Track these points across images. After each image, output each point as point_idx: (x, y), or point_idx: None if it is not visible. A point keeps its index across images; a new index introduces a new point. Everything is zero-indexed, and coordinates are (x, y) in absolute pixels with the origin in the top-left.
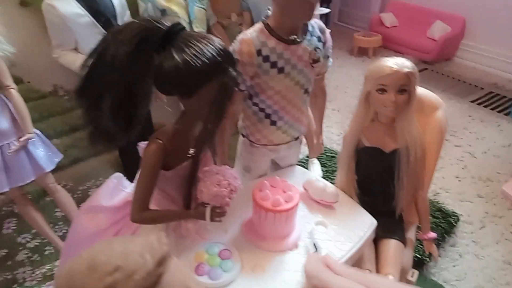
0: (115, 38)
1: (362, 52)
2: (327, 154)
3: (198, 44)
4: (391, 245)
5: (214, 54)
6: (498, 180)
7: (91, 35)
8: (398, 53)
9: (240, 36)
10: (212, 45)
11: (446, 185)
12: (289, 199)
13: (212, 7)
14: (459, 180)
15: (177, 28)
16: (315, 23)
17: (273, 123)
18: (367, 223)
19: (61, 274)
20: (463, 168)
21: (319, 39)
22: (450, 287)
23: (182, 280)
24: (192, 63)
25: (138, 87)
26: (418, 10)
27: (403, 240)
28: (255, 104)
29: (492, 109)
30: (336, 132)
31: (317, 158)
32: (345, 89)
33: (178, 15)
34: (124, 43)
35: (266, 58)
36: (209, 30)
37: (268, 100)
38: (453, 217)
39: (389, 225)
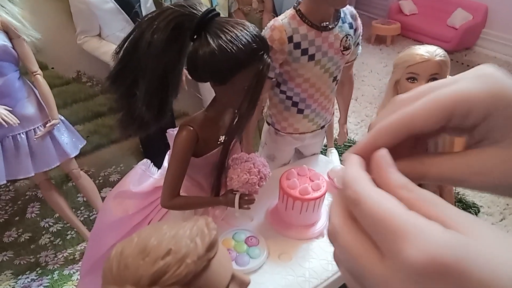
0: (151, 24)
1: (380, 40)
2: (344, 143)
3: (234, 30)
4: None
5: (250, 40)
6: None
7: (115, 21)
8: (417, 41)
9: (271, 23)
10: (247, 31)
11: None
12: (316, 188)
13: None
14: None
15: (212, 14)
16: (347, 9)
17: (300, 111)
18: None
19: (111, 257)
20: None
21: (351, 26)
22: None
23: (228, 266)
24: (228, 50)
25: (170, 74)
26: None
27: None
28: (283, 92)
29: None
30: (353, 121)
31: (334, 147)
32: (362, 78)
33: (201, 1)
34: (159, 30)
35: (297, 45)
36: (230, 17)
37: (297, 88)
38: (473, 208)
39: None
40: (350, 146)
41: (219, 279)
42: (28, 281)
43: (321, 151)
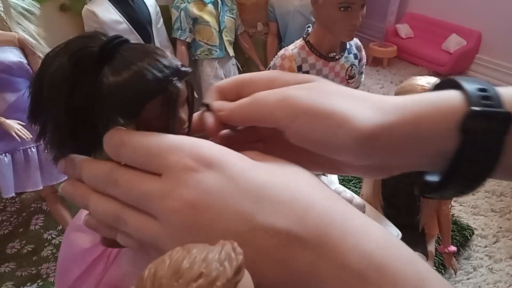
0: (53, 61)
1: (376, 62)
2: None
3: (138, 62)
4: None
5: (155, 71)
6: (511, 196)
7: None
8: (413, 64)
9: (282, 52)
10: (155, 60)
11: (460, 198)
12: None
13: (240, 16)
14: (473, 194)
15: (112, 44)
16: (353, 41)
17: None
18: (393, 234)
19: (144, 278)
20: None
21: (356, 57)
22: None
23: None
24: (129, 85)
25: (90, 107)
26: (434, 23)
27: (425, 253)
28: None
29: None
30: None
31: None
32: None
33: (210, 24)
34: (61, 65)
35: (305, 74)
36: (236, 39)
37: None
38: (467, 230)
39: (412, 238)
40: None
41: None
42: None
43: None
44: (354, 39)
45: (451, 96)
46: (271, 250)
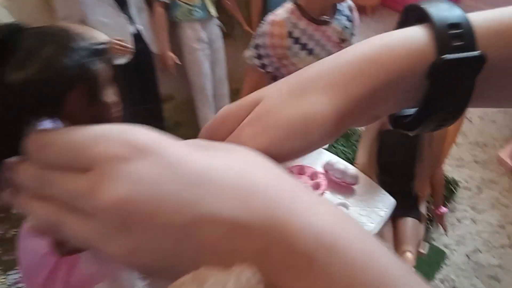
0: None
1: (360, 11)
2: None
3: (43, 50)
4: (408, 223)
5: (65, 58)
6: (494, 146)
7: (100, 6)
8: (398, 12)
9: (271, 17)
10: (62, 45)
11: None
12: (316, 187)
13: None
14: (457, 147)
15: (10, 33)
16: (345, 1)
17: None
18: (387, 203)
19: None
20: (460, 134)
21: (348, 18)
22: (450, 252)
23: None
24: (39, 78)
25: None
26: None
27: (419, 218)
28: None
29: None
30: None
31: None
32: None
33: None
34: None
35: (296, 40)
36: (220, 2)
37: None
38: (453, 185)
39: (405, 203)
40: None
41: None
42: (19, 276)
43: None
44: None
45: (419, 40)
46: (215, 242)
